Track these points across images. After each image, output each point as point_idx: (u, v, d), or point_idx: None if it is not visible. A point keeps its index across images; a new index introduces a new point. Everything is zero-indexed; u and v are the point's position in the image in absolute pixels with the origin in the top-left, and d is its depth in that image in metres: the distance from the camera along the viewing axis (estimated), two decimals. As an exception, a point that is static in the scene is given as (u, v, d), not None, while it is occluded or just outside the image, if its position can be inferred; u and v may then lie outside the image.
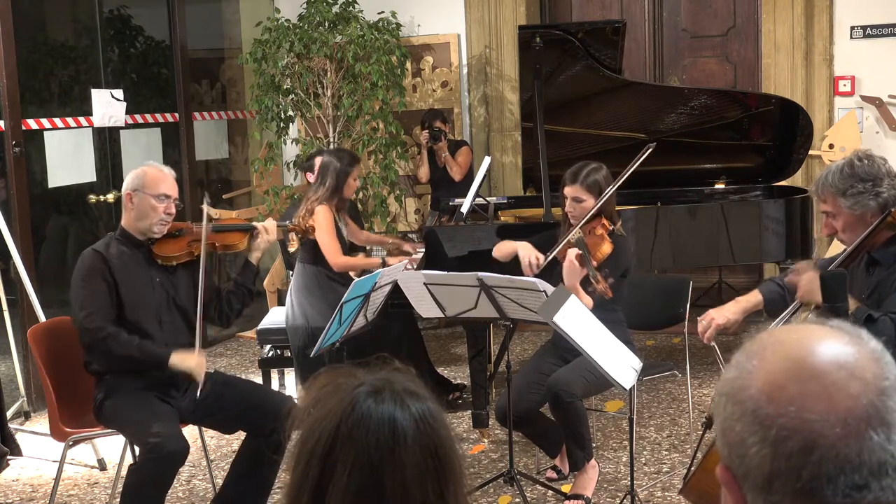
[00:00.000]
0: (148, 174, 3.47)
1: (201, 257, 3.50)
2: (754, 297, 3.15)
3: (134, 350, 3.34)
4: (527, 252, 3.89)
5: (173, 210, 3.49)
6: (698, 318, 3.15)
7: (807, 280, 2.70)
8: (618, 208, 5.00)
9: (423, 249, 4.89)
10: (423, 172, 6.62)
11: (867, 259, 2.87)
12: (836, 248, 4.61)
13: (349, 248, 4.97)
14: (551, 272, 3.83)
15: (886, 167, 2.82)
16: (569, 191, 3.85)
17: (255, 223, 3.75)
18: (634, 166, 3.93)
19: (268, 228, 3.74)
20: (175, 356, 3.37)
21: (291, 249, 4.89)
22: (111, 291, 3.37)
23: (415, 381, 1.25)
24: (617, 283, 3.89)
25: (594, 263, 3.54)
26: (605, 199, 3.80)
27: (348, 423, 1.17)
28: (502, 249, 4.06)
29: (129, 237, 3.48)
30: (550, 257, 3.85)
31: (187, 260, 3.56)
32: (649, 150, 3.94)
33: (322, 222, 4.70)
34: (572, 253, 3.51)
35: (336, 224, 4.79)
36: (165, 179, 3.48)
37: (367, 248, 5.35)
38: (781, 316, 2.86)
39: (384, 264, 4.79)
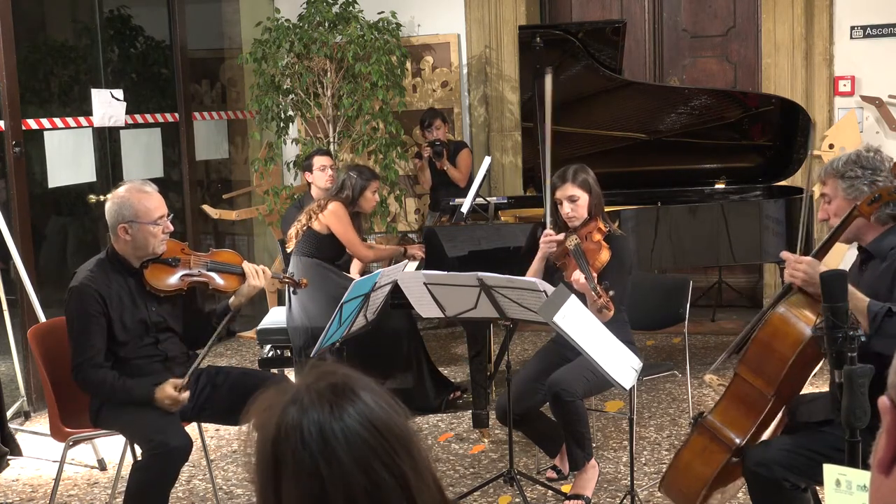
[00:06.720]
0: (137, 203, 3.34)
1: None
2: None
3: (120, 394, 3.31)
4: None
5: (170, 227, 3.44)
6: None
7: (806, 265, 2.73)
8: (618, 208, 5.06)
9: (423, 253, 4.91)
10: (425, 179, 6.61)
11: (863, 255, 2.90)
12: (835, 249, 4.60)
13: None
14: (552, 275, 3.83)
15: (892, 164, 2.87)
16: (562, 192, 3.83)
17: (245, 264, 3.55)
18: None
19: (257, 273, 3.51)
20: (158, 392, 3.30)
21: (289, 249, 4.90)
22: (104, 327, 3.33)
23: (340, 375, 1.26)
24: (620, 281, 3.90)
25: (594, 275, 3.52)
26: (595, 194, 3.82)
27: (281, 440, 1.20)
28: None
29: (124, 263, 3.42)
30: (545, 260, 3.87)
31: (176, 294, 3.53)
32: None
33: (339, 217, 4.79)
34: (579, 277, 3.51)
35: None
36: (155, 200, 3.39)
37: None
38: (774, 297, 2.91)
39: (405, 252, 4.88)
